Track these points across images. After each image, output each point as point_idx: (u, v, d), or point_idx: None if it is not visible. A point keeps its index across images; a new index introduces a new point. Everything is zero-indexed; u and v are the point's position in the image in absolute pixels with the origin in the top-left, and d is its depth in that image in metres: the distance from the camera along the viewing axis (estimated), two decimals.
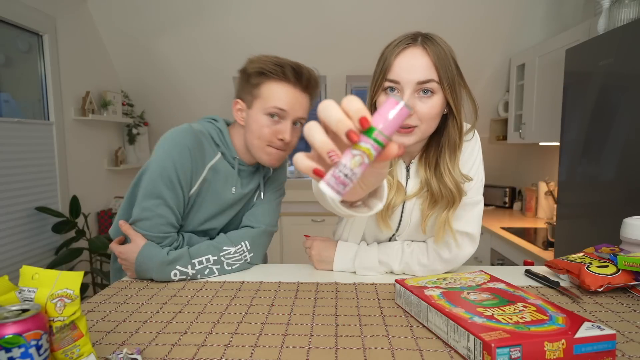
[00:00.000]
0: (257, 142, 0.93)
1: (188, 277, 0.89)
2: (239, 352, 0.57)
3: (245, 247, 0.97)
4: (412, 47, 0.76)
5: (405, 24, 2.52)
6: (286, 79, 0.90)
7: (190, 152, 0.90)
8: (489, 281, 0.71)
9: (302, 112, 0.94)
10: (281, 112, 0.90)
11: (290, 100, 0.91)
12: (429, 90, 0.75)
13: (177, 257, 0.88)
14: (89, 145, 2.51)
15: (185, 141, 0.90)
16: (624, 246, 0.84)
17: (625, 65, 1.34)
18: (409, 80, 0.75)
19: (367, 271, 0.91)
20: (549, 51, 2.18)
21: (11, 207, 1.95)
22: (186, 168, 0.90)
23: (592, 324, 0.53)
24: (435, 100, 0.76)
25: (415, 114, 0.76)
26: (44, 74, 2.18)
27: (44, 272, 0.49)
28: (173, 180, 0.88)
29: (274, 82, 0.90)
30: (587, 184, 1.53)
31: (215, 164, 0.95)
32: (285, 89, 0.91)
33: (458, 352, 0.55)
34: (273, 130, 0.92)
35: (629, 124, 1.32)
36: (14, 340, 0.42)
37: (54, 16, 2.21)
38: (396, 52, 0.77)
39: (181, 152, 0.89)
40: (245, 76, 0.94)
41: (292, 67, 0.90)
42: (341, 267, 0.93)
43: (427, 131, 0.79)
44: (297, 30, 2.50)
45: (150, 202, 0.88)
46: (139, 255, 0.86)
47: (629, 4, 1.49)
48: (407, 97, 0.75)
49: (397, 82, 0.76)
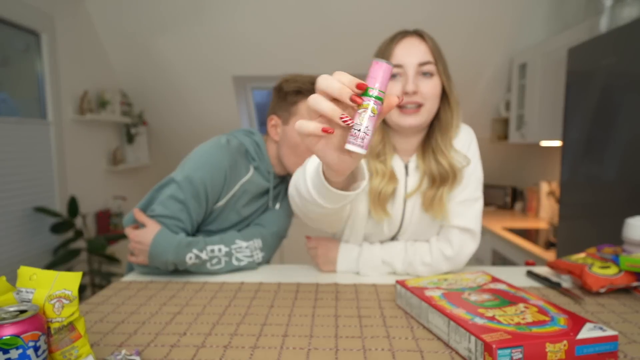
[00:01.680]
0: (293, 157, 0.99)
1: (201, 262, 0.90)
2: (238, 353, 0.57)
3: (257, 245, 0.98)
4: (409, 36, 0.85)
5: (405, 24, 2.50)
6: None
7: (225, 173, 0.94)
8: (490, 282, 0.70)
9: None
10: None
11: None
12: (429, 72, 0.83)
13: (194, 241, 0.90)
14: (87, 145, 2.50)
15: (223, 162, 0.94)
16: (626, 247, 0.84)
17: (628, 64, 1.33)
18: (411, 63, 0.82)
19: (370, 271, 0.91)
20: (551, 50, 2.18)
21: (9, 207, 1.94)
22: (218, 187, 0.94)
23: (594, 325, 0.52)
24: (435, 80, 0.84)
25: (420, 93, 0.82)
26: (41, 73, 2.17)
27: (42, 272, 0.49)
28: (201, 195, 0.92)
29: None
30: (589, 184, 1.52)
31: (247, 182, 1.00)
32: None
33: (459, 354, 0.55)
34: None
35: (632, 123, 1.32)
36: (12, 342, 0.42)
37: (51, 15, 2.20)
38: (395, 41, 0.84)
39: (217, 172, 0.93)
40: (282, 94, 1.00)
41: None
42: (345, 267, 0.92)
43: (431, 110, 0.85)
44: (297, 30, 2.49)
45: (173, 204, 0.91)
46: (155, 238, 0.87)
47: (631, 3, 1.48)
48: (412, 78, 0.82)
49: (401, 65, 0.83)
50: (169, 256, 0.86)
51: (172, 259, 0.87)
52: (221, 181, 0.94)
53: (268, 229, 1.02)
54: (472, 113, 2.89)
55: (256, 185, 1.01)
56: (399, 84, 0.83)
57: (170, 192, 0.91)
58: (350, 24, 2.44)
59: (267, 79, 2.94)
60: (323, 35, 2.50)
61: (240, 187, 0.98)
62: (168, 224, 0.91)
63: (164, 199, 0.91)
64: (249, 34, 2.52)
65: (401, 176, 0.90)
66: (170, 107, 2.95)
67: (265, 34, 2.52)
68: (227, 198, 0.96)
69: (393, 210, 0.90)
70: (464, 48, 2.52)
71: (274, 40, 2.56)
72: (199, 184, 0.91)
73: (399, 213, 0.91)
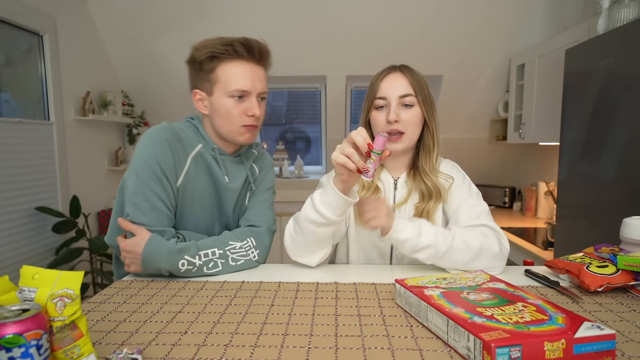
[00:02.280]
0: (228, 126, 0.95)
1: (195, 268, 0.89)
2: (239, 351, 0.57)
3: (252, 243, 0.97)
4: (393, 72, 0.98)
5: (405, 24, 2.54)
6: (239, 57, 0.92)
7: (168, 143, 0.91)
8: (488, 281, 0.71)
9: (262, 86, 0.96)
10: (244, 92, 0.93)
11: (250, 76, 0.93)
12: (409, 103, 0.96)
13: (185, 247, 0.88)
14: (89, 145, 2.51)
15: (162, 135, 0.92)
16: (623, 246, 0.84)
17: (625, 66, 1.34)
18: (393, 95, 0.96)
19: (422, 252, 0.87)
20: (548, 51, 2.18)
21: (11, 207, 1.95)
22: (168, 160, 0.91)
23: (591, 324, 0.53)
24: (415, 110, 0.97)
25: (402, 122, 0.95)
26: (44, 74, 2.18)
27: (44, 272, 0.49)
28: (158, 173, 0.89)
29: (228, 63, 0.92)
30: (587, 184, 1.53)
31: (197, 154, 0.97)
32: (241, 67, 0.93)
33: (458, 352, 0.55)
34: (241, 110, 0.94)
35: (629, 124, 1.32)
36: (15, 340, 0.42)
37: (54, 16, 2.21)
38: (381, 77, 0.99)
39: (160, 145, 0.90)
40: (197, 64, 0.94)
41: (241, 43, 0.92)
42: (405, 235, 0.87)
43: (412, 137, 0.98)
44: (297, 30, 2.50)
45: (141, 197, 0.89)
46: (146, 246, 0.86)
47: (628, 4, 1.49)
48: (393, 109, 0.95)
49: (385, 97, 0.97)
50: (161, 264, 0.86)
51: (164, 267, 0.86)
52: (167, 152, 0.91)
53: (259, 226, 1.01)
54: (471, 113, 2.89)
55: (207, 162, 0.97)
56: (384, 113, 0.97)
57: (133, 188, 0.89)
58: (350, 24, 2.44)
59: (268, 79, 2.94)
60: (323, 35, 2.51)
61: (192, 161, 0.95)
62: (150, 220, 0.88)
63: (131, 198, 0.89)
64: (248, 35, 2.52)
65: (390, 190, 1.03)
66: (172, 107, 2.95)
67: (265, 34, 2.52)
68: (184, 173, 0.94)
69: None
70: (463, 49, 2.52)
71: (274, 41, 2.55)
72: (152, 164, 0.89)
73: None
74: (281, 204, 3.21)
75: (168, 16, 2.44)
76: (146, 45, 2.58)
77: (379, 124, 0.98)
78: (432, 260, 0.88)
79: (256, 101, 0.95)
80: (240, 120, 0.95)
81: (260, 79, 0.96)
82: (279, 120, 3.49)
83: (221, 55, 0.91)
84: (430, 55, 2.55)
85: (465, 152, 3.08)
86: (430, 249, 0.86)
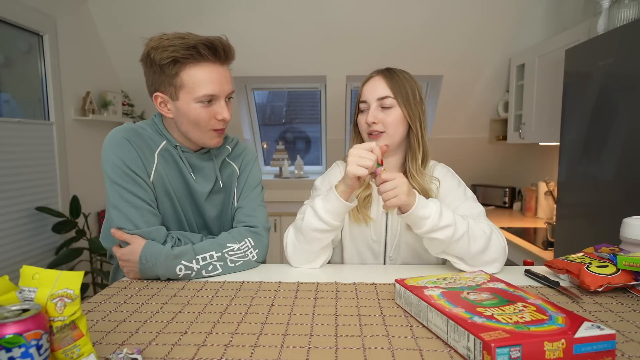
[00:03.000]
0: (196, 131, 0.92)
1: (193, 272, 0.88)
2: (239, 351, 0.57)
3: (250, 244, 0.96)
4: (375, 76, 1.01)
5: (405, 24, 2.54)
6: (204, 59, 0.87)
7: (129, 141, 0.90)
8: (488, 281, 0.71)
9: (229, 87, 0.92)
10: (213, 96, 0.89)
11: (217, 80, 0.89)
12: (388, 105, 0.98)
13: (182, 252, 0.88)
14: (90, 145, 2.51)
15: (121, 134, 0.90)
16: (623, 246, 0.84)
17: (625, 66, 1.34)
18: (372, 98, 0.99)
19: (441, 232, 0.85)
20: (548, 51, 2.18)
21: (11, 207, 1.95)
22: (133, 157, 0.89)
23: (591, 324, 0.53)
24: (395, 111, 0.98)
25: (381, 123, 0.98)
26: (44, 74, 2.18)
27: (44, 272, 0.49)
28: (127, 172, 0.88)
29: (193, 67, 0.87)
30: (587, 184, 1.53)
31: (163, 150, 0.94)
32: (207, 71, 0.87)
33: (458, 352, 0.55)
34: (210, 114, 0.90)
35: (629, 124, 1.32)
36: (15, 340, 0.42)
37: (54, 16, 2.20)
38: (364, 82, 1.03)
39: (121, 145, 0.89)
40: (157, 67, 0.87)
41: (205, 45, 0.86)
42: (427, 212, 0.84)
43: (393, 135, 0.99)
44: (297, 30, 2.50)
45: (120, 200, 0.88)
46: (142, 253, 0.86)
47: (628, 4, 1.49)
48: (372, 111, 0.98)
49: (365, 101, 1.00)
50: (159, 270, 0.86)
51: (162, 273, 0.86)
52: (130, 149, 0.89)
53: (255, 226, 1.00)
54: (471, 114, 2.89)
55: (174, 158, 0.95)
56: (365, 116, 1.00)
57: (110, 195, 0.89)
58: (350, 24, 2.44)
59: (268, 79, 2.95)
60: (323, 35, 2.51)
61: (159, 156, 0.94)
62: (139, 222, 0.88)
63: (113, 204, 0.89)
64: (249, 35, 2.52)
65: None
66: None
67: (265, 35, 2.53)
68: (154, 169, 0.93)
69: (375, 214, 1.03)
70: (463, 49, 2.52)
71: (274, 41, 2.56)
72: (119, 164, 0.88)
73: (381, 219, 1.03)
74: (281, 204, 3.21)
75: (168, 16, 2.44)
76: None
77: (362, 127, 1.02)
78: (446, 244, 0.86)
79: (224, 104, 0.92)
80: (210, 125, 0.91)
81: (228, 79, 0.92)
82: (279, 120, 3.50)
83: (185, 60, 0.86)
84: (430, 55, 2.55)
85: (465, 152, 3.09)
86: (449, 228, 0.84)
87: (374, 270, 0.96)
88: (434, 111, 2.89)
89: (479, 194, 3.13)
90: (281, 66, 2.73)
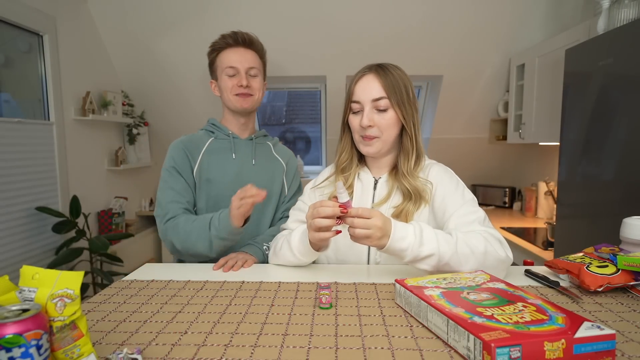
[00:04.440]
0: (227, 96, 1.21)
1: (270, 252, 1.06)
2: (239, 351, 0.57)
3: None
4: (368, 74, 0.96)
5: (404, 24, 2.53)
6: (228, 45, 1.21)
7: (182, 144, 1.21)
8: (488, 281, 0.71)
9: (249, 63, 1.21)
10: (232, 69, 1.19)
11: (237, 57, 1.20)
12: (382, 107, 0.94)
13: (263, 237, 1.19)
14: (89, 145, 2.51)
15: (178, 141, 1.23)
16: (623, 246, 0.84)
17: (625, 66, 1.34)
18: (367, 99, 0.94)
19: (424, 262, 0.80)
20: (548, 51, 2.18)
21: (11, 207, 1.95)
22: (182, 156, 1.19)
23: (591, 324, 0.53)
24: (390, 114, 0.94)
25: (376, 126, 0.94)
26: (44, 74, 2.18)
27: (44, 272, 0.49)
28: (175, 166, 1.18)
29: (223, 51, 1.21)
30: (587, 184, 1.53)
31: (209, 147, 1.23)
32: (230, 52, 1.20)
33: (458, 352, 0.55)
34: (233, 82, 1.20)
35: (629, 123, 1.32)
36: (15, 340, 0.42)
37: (54, 16, 2.20)
38: (355, 80, 0.97)
39: (175, 147, 1.21)
40: (209, 61, 1.25)
41: (230, 35, 1.20)
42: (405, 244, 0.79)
43: (387, 140, 0.96)
44: (297, 30, 2.50)
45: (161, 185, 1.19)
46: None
47: (628, 4, 1.49)
48: (367, 113, 0.94)
49: (359, 102, 0.95)
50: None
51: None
52: (181, 151, 1.19)
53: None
54: (470, 114, 2.89)
55: (217, 147, 1.23)
56: (359, 118, 0.96)
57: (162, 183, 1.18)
58: (350, 24, 2.44)
59: (269, 79, 2.94)
60: (323, 35, 2.51)
61: (205, 153, 1.21)
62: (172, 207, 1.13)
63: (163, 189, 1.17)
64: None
65: (369, 189, 1.01)
66: (172, 107, 2.95)
67: (266, 34, 2.52)
68: (198, 162, 1.20)
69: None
70: (463, 49, 2.52)
71: (274, 40, 2.56)
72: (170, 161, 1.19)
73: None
74: None
75: (168, 16, 2.44)
76: (146, 45, 2.58)
77: (355, 128, 0.97)
78: (435, 270, 0.81)
79: (245, 75, 1.19)
80: (234, 90, 1.20)
81: (247, 58, 1.20)
82: (279, 120, 3.49)
83: (218, 47, 1.22)
84: (431, 55, 2.55)
85: (465, 152, 3.09)
86: (433, 257, 0.79)
87: (374, 270, 0.96)
88: (434, 111, 2.89)
89: (479, 194, 3.13)
90: (281, 66, 2.73)
